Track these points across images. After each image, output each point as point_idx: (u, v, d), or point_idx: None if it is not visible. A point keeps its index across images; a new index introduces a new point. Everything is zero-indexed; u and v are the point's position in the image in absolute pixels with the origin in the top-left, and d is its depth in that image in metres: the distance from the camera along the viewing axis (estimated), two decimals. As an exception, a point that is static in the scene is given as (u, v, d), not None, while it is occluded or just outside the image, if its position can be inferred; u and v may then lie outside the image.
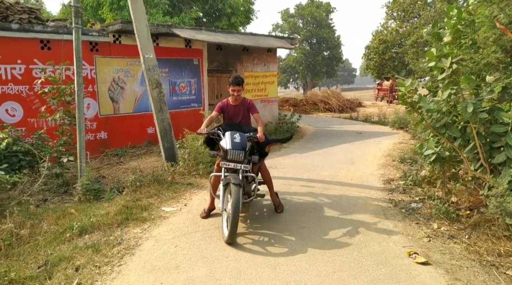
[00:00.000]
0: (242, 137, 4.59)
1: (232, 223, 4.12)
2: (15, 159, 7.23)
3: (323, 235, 4.57)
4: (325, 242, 4.36)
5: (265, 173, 5.31)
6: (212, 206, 5.24)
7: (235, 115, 5.19)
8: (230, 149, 4.45)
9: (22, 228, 4.83)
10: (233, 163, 4.48)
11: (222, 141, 4.62)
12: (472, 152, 4.93)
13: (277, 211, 5.32)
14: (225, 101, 5.30)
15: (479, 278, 3.56)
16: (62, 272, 3.67)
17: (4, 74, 8.11)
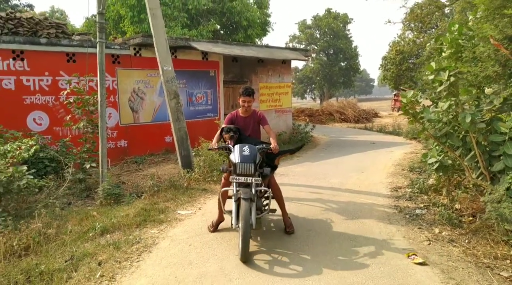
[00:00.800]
0: (251, 150, 4.40)
1: (243, 241, 3.91)
2: (42, 165, 7.71)
3: (327, 237, 4.83)
4: (328, 242, 4.63)
5: (276, 189, 4.99)
6: (221, 219, 5.05)
7: (244, 127, 5.02)
8: (239, 163, 4.27)
9: (49, 228, 5.22)
10: (243, 177, 4.26)
11: (231, 155, 4.44)
12: (473, 161, 5.14)
13: (287, 231, 4.94)
14: (234, 112, 5.18)
15: (473, 278, 3.78)
16: (87, 265, 4.03)
17: (33, 86, 8.65)
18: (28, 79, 8.58)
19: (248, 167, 4.26)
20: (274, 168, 5.09)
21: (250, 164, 4.27)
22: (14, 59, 8.41)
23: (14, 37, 8.43)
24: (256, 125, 5.14)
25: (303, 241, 4.69)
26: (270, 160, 4.97)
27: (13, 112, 8.34)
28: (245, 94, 4.94)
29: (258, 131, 5.19)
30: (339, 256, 4.26)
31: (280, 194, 4.99)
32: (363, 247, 4.50)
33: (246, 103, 4.96)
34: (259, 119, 5.12)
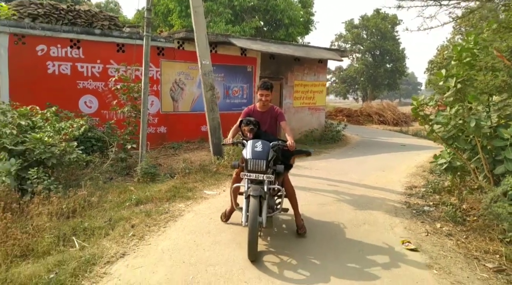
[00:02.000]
0: (264, 146, 4.22)
1: (250, 241, 3.81)
2: (89, 144, 8.61)
3: (330, 216, 5.33)
4: (333, 226, 5.13)
5: (289, 188, 4.81)
6: (233, 209, 4.89)
7: (261, 122, 4.80)
8: (250, 159, 4.12)
9: (93, 196, 6.01)
10: (254, 174, 4.12)
11: (244, 150, 4.31)
12: (479, 163, 5.47)
13: (299, 233, 4.78)
14: (251, 107, 5.02)
15: (457, 265, 4.18)
16: (122, 226, 4.76)
17: (86, 72, 9.58)
18: (82, 66, 9.52)
19: (259, 163, 4.09)
20: (289, 167, 4.92)
21: (262, 160, 4.09)
22: (71, 47, 9.36)
23: (72, 27, 9.38)
24: (273, 121, 4.93)
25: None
26: (286, 158, 4.80)
27: (68, 95, 9.30)
28: (263, 88, 4.75)
29: (275, 127, 5.01)
30: (336, 238, 4.76)
31: (293, 194, 4.84)
32: (363, 234, 4.97)
33: (264, 97, 4.76)
34: (277, 115, 4.91)
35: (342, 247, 4.52)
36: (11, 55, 8.53)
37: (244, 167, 4.24)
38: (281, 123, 4.88)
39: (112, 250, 4.12)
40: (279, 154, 4.62)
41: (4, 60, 8.45)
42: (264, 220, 4.03)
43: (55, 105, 7.88)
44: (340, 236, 4.85)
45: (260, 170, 4.12)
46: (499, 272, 4.14)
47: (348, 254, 4.30)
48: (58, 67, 9.20)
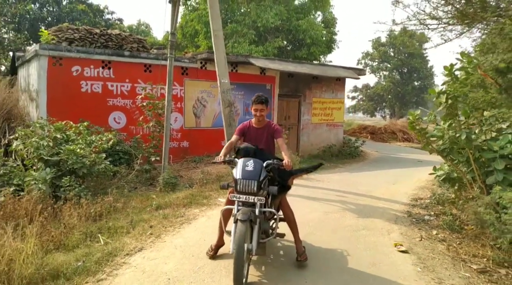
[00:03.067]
0: (256, 165, 3.87)
1: (235, 270, 3.37)
2: (117, 157, 9.33)
3: (332, 226, 5.75)
4: (332, 232, 5.55)
5: (287, 211, 4.48)
6: (221, 242, 4.48)
7: (257, 140, 4.48)
8: (240, 179, 3.78)
9: (118, 202, 6.65)
10: (244, 196, 3.78)
11: (234, 169, 3.97)
12: (474, 174, 5.80)
13: (298, 260, 4.34)
14: (246, 123, 4.69)
15: (443, 266, 4.55)
16: (141, 226, 5.37)
17: (115, 90, 10.40)
18: (112, 85, 10.35)
19: (250, 184, 3.74)
20: (286, 188, 4.51)
21: (252, 181, 3.75)
22: (103, 67, 10.21)
23: (104, 50, 10.25)
24: (270, 138, 4.58)
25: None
26: (283, 179, 4.39)
27: (99, 111, 10.10)
28: (258, 102, 4.45)
29: (272, 144, 4.66)
30: (336, 240, 5.19)
31: (292, 218, 4.47)
32: (360, 237, 5.38)
33: (259, 112, 4.45)
34: (273, 131, 4.56)
35: (342, 247, 4.95)
36: (49, 76, 9.42)
37: (234, 187, 3.88)
38: (278, 140, 4.52)
39: (132, 245, 4.71)
40: (275, 174, 4.25)
41: (43, 80, 9.35)
42: (255, 247, 3.64)
43: (87, 120, 8.64)
44: (338, 239, 5.27)
45: (251, 192, 3.76)
46: (482, 273, 4.47)
47: (342, 254, 4.73)
48: (90, 86, 10.04)
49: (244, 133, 4.62)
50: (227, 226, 4.29)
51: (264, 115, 4.55)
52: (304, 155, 13.77)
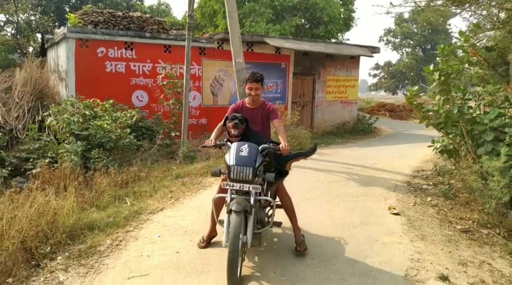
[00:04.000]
0: (251, 150, 3.57)
1: (229, 267, 3.11)
2: (140, 132, 10.03)
3: (333, 193, 6.31)
4: (333, 197, 6.12)
5: (285, 198, 4.17)
6: (213, 233, 4.24)
7: (251, 121, 4.09)
8: (233, 165, 3.46)
9: (141, 172, 7.36)
10: (238, 184, 3.47)
11: (227, 155, 3.65)
12: (467, 146, 6.24)
13: (298, 250, 4.05)
14: (240, 103, 4.33)
15: (430, 226, 5.08)
16: (163, 191, 6.06)
17: (138, 70, 11.05)
18: (135, 65, 10.99)
19: (244, 171, 3.44)
20: (284, 174, 4.15)
21: (247, 168, 3.45)
22: (126, 49, 10.84)
23: (127, 32, 10.86)
24: (265, 119, 4.26)
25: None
26: (280, 164, 4.06)
27: (123, 90, 10.78)
28: (253, 80, 4.06)
29: (267, 126, 4.34)
30: (334, 202, 5.76)
31: (290, 204, 4.16)
32: (358, 201, 5.94)
33: (254, 91, 4.09)
34: (269, 112, 4.23)
35: (339, 208, 5.52)
36: (77, 57, 10.12)
37: (227, 174, 3.57)
38: (274, 121, 4.19)
39: (154, 206, 5.41)
40: (272, 159, 3.93)
41: (71, 61, 10.06)
42: (250, 239, 3.37)
43: (112, 98, 9.33)
44: (337, 202, 5.84)
45: (246, 180, 3.45)
46: (465, 232, 4.99)
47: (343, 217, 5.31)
48: (114, 66, 10.70)
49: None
50: (220, 215, 3.99)
51: (260, 94, 4.18)
52: (318, 131, 14.26)
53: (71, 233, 4.17)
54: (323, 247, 4.24)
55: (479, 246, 4.62)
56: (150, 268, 3.62)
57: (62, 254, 3.81)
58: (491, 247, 4.62)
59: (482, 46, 5.37)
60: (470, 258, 4.21)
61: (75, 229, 4.26)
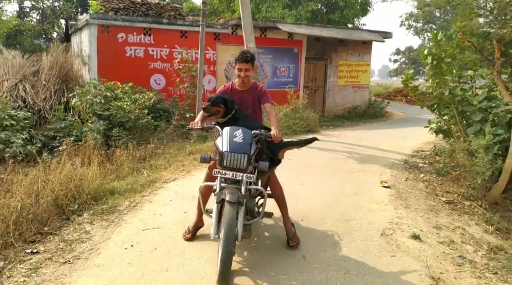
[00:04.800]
0: (246, 135, 3.36)
1: (224, 260, 2.90)
2: (157, 114, 10.68)
3: (333, 169, 6.82)
4: (331, 172, 6.63)
5: (277, 188, 3.90)
6: (200, 224, 3.97)
7: (242, 105, 3.89)
8: (226, 152, 3.23)
9: (158, 149, 8.00)
10: (231, 172, 3.24)
11: (218, 140, 3.41)
12: (458, 126, 6.65)
13: (290, 245, 3.83)
14: (229, 85, 4.03)
15: (416, 197, 5.57)
16: (176, 165, 6.70)
17: (155, 55, 11.65)
18: (153, 50, 11.59)
19: (239, 158, 3.22)
20: (276, 162, 3.83)
21: (242, 155, 3.23)
22: (144, 34, 11.44)
23: (145, 18, 11.45)
24: (257, 102, 4.00)
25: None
26: (273, 152, 3.75)
27: (141, 74, 11.42)
28: (242, 60, 3.75)
29: (258, 110, 4.09)
30: (331, 176, 6.28)
31: (281, 195, 3.90)
32: (354, 175, 6.45)
33: (243, 72, 3.77)
34: (260, 95, 3.96)
35: (336, 182, 6.05)
36: (99, 42, 10.77)
37: (218, 161, 3.33)
38: (265, 105, 3.93)
39: (168, 176, 6.04)
40: (264, 146, 3.65)
41: (94, 46, 10.72)
42: (241, 231, 3.13)
43: (131, 81, 9.96)
44: (332, 175, 6.36)
45: (239, 168, 3.24)
46: (448, 203, 5.47)
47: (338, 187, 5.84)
48: (134, 51, 11.33)
49: None
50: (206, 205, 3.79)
51: (250, 75, 3.86)
52: (330, 115, 14.70)
53: (94, 196, 4.83)
54: (313, 211, 4.78)
55: (458, 215, 5.10)
56: (161, 223, 4.25)
57: (88, 212, 4.47)
58: (470, 216, 5.10)
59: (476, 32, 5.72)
60: (446, 224, 4.71)
61: (98, 193, 4.91)
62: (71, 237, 3.82)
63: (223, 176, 3.27)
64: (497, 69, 5.46)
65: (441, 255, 3.84)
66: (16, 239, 3.55)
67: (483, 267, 3.71)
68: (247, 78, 3.84)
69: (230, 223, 2.97)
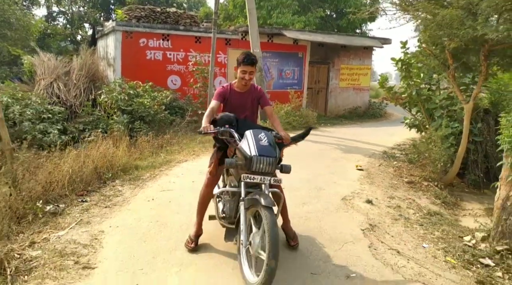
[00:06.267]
0: (269, 139, 3.32)
1: (272, 267, 2.83)
2: (173, 110, 12.02)
3: (320, 156, 8.05)
4: (318, 158, 7.86)
5: (279, 188, 3.67)
6: (200, 232, 3.89)
7: (240, 107, 3.86)
8: (256, 156, 3.14)
9: (173, 139, 9.34)
10: (259, 176, 3.22)
11: (243, 144, 3.28)
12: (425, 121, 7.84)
13: (291, 245, 3.92)
14: (227, 86, 3.93)
15: (382, 178, 6.78)
16: (188, 150, 8.06)
17: (172, 58, 13.04)
18: (170, 54, 12.99)
19: (268, 162, 3.18)
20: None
21: (271, 158, 3.19)
22: (163, 39, 12.84)
23: (164, 25, 12.86)
24: (255, 104, 4.01)
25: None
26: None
27: (160, 75, 12.81)
28: (247, 63, 3.70)
29: (256, 112, 4.11)
30: (311, 160, 7.52)
31: (283, 195, 3.65)
32: (331, 161, 7.68)
33: (247, 75, 3.74)
34: (259, 97, 3.98)
35: (315, 164, 7.28)
36: (123, 46, 12.21)
37: (242, 166, 3.25)
38: (266, 108, 3.98)
39: (181, 158, 7.40)
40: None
41: (118, 50, 12.17)
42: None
43: (151, 81, 11.35)
44: (312, 160, 7.59)
45: (268, 171, 3.23)
46: (408, 183, 6.67)
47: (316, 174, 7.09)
48: (153, 55, 12.74)
49: (225, 98, 3.86)
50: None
51: (253, 78, 3.88)
52: (332, 115, 15.90)
53: (123, 169, 6.20)
54: (293, 184, 6.03)
55: (414, 191, 6.31)
56: (174, 187, 5.59)
57: (119, 179, 5.84)
58: (424, 193, 6.30)
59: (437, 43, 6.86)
60: (400, 196, 5.93)
61: (126, 167, 6.28)
62: (108, 193, 5.19)
63: (252, 181, 3.21)
64: (451, 73, 6.64)
65: (384, 214, 5.08)
66: (70, 192, 4.92)
67: (414, 222, 4.93)
68: (250, 81, 3.82)
69: (274, 228, 2.92)
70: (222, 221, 3.70)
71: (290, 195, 5.42)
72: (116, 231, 4.10)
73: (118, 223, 4.28)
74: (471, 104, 6.44)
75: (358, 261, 3.73)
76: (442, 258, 3.98)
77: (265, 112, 4.00)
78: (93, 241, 3.82)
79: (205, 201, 3.81)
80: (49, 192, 4.79)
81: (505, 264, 3.91)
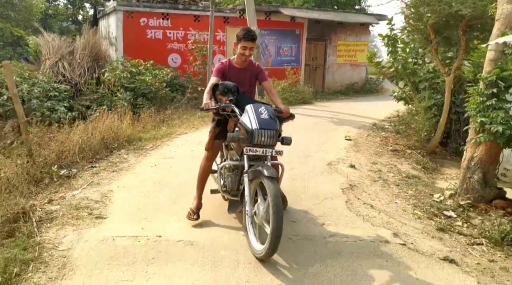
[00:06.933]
0: (269, 112, 3.43)
1: (276, 234, 3.03)
2: (174, 88, 12.48)
3: (312, 127, 8.54)
4: (310, 128, 8.35)
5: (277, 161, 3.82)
6: (201, 205, 3.99)
7: (239, 82, 3.84)
8: (257, 129, 3.25)
9: (174, 114, 9.83)
10: (261, 149, 3.32)
11: (245, 118, 3.37)
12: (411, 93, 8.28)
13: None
14: (226, 62, 3.98)
15: (368, 146, 7.28)
16: (188, 124, 8.58)
17: (172, 36, 13.41)
18: (170, 32, 13.36)
19: (270, 135, 3.30)
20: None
21: (272, 131, 3.32)
22: (163, 19, 13.19)
23: (164, 4, 13.21)
24: (253, 80, 4.09)
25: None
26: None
27: (160, 53, 13.21)
28: (248, 38, 3.73)
29: (254, 87, 4.20)
30: (305, 132, 8.02)
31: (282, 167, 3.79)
32: (324, 132, 8.17)
33: (248, 50, 3.78)
34: (257, 73, 4.05)
35: (308, 134, 7.78)
36: (124, 26, 12.59)
37: (244, 139, 3.36)
38: (264, 83, 4.07)
39: (181, 131, 7.93)
40: None
41: (120, 29, 12.56)
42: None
43: (152, 60, 11.76)
44: (308, 133, 8.08)
45: (270, 143, 3.35)
46: (393, 151, 7.17)
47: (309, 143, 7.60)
48: (154, 33, 13.13)
49: (224, 74, 3.91)
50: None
51: (252, 54, 3.93)
52: (329, 91, 16.31)
53: (128, 140, 6.73)
54: (284, 151, 6.53)
55: (397, 158, 6.82)
56: (175, 155, 6.14)
57: (124, 149, 6.38)
58: (406, 159, 6.81)
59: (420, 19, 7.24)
60: (382, 162, 6.44)
61: (130, 138, 6.81)
62: (115, 160, 5.74)
63: (254, 153, 3.32)
64: (433, 47, 7.04)
65: (365, 176, 5.61)
66: (81, 160, 5.47)
67: (392, 183, 5.46)
68: (250, 56, 3.88)
69: (277, 197, 3.07)
70: (225, 194, 3.87)
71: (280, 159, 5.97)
72: (123, 190, 4.65)
73: (125, 184, 4.83)
74: (452, 77, 6.88)
75: (334, 212, 4.28)
76: (411, 211, 4.52)
77: (263, 87, 4.11)
78: (104, 197, 4.38)
79: (204, 174, 3.94)
80: (62, 159, 5.33)
81: (465, 215, 4.45)
